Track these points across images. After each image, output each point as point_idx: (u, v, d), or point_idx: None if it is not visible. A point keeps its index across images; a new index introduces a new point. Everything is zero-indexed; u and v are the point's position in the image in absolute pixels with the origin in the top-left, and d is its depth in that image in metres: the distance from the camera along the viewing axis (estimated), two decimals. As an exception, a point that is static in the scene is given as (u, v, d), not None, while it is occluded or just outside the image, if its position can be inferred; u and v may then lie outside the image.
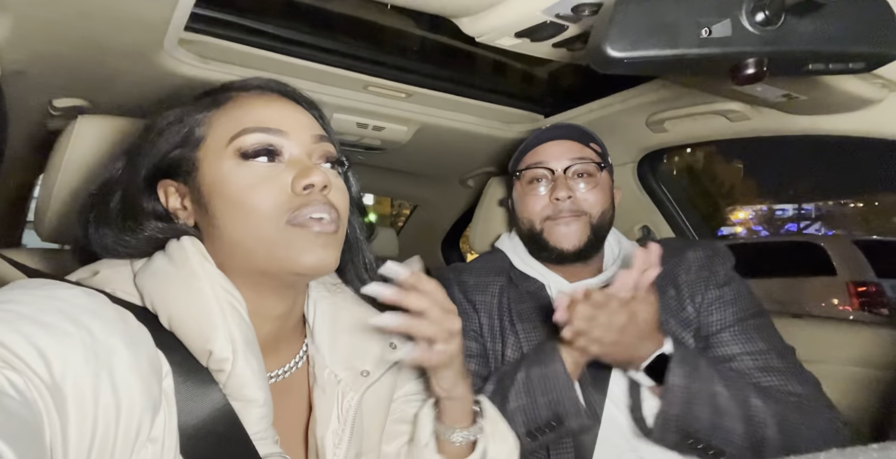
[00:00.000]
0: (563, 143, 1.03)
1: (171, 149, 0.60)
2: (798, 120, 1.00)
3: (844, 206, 30.36)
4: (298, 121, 0.61)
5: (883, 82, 0.81)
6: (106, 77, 0.96)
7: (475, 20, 0.70)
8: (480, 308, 1.04)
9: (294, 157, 0.59)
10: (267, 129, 0.58)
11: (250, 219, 0.55)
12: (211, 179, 0.57)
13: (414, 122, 1.26)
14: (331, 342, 0.66)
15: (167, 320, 0.52)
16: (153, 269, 0.55)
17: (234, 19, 0.93)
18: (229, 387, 0.52)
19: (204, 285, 0.53)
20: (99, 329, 0.44)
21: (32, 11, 0.71)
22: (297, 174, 0.57)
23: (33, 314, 0.42)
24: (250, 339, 0.54)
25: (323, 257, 0.57)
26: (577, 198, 1.00)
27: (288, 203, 0.56)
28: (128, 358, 0.45)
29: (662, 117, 1.16)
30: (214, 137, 0.58)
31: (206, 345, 0.51)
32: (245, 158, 0.57)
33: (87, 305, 0.46)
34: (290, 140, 0.59)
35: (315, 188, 0.57)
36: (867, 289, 4.85)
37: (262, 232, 0.56)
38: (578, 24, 0.69)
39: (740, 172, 26.28)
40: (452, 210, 1.96)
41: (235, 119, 0.58)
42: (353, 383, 0.64)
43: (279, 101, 0.62)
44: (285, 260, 0.56)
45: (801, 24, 0.54)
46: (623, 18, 0.53)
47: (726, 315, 0.94)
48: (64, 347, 0.41)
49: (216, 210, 0.57)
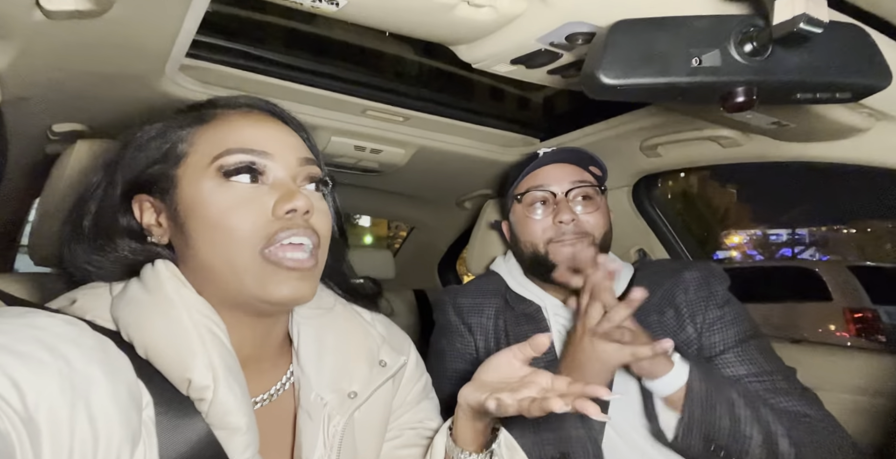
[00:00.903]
0: (564, 167, 1.04)
1: (150, 165, 0.58)
2: (788, 146, 1.02)
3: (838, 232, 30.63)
4: (285, 142, 0.59)
5: (869, 111, 0.82)
6: (106, 102, 0.97)
7: (472, 48, 0.72)
8: (476, 330, 1.04)
9: (278, 180, 0.57)
10: (251, 150, 0.56)
11: (226, 242, 0.54)
12: (190, 198, 0.55)
13: (411, 145, 1.27)
14: (317, 363, 0.64)
15: (143, 350, 0.51)
16: (128, 297, 0.54)
17: (234, 46, 0.95)
18: (212, 416, 0.50)
19: (180, 311, 0.52)
20: (77, 358, 0.43)
21: (36, 40, 0.72)
22: (279, 197, 0.55)
23: (8, 343, 0.41)
24: (232, 365, 0.52)
25: (298, 288, 0.56)
26: (579, 220, 1.00)
27: (266, 227, 0.54)
28: (106, 388, 0.43)
29: (656, 142, 1.18)
30: (197, 155, 0.57)
31: (185, 374, 0.50)
32: (227, 178, 0.55)
33: (66, 333, 0.45)
34: (275, 162, 0.57)
35: (297, 213, 0.55)
36: (864, 315, 4.84)
37: (237, 259, 0.54)
38: (572, 53, 0.71)
39: (734, 197, 26.58)
40: (449, 232, 1.96)
41: (220, 138, 0.57)
42: (339, 406, 0.62)
43: (266, 122, 0.61)
44: (258, 290, 0.55)
45: (789, 55, 0.56)
46: (616, 47, 0.54)
47: (728, 335, 0.94)
48: (39, 377, 0.40)
49: (192, 230, 0.55)
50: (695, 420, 0.79)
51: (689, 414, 0.80)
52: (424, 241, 2.13)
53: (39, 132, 1.07)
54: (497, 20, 0.64)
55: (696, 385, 0.80)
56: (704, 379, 0.81)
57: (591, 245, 1.00)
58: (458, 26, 0.65)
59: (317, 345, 0.65)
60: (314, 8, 0.60)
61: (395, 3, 0.59)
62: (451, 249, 2.04)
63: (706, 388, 0.80)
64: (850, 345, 4.11)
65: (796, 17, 0.48)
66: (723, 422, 0.79)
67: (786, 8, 0.49)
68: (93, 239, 0.58)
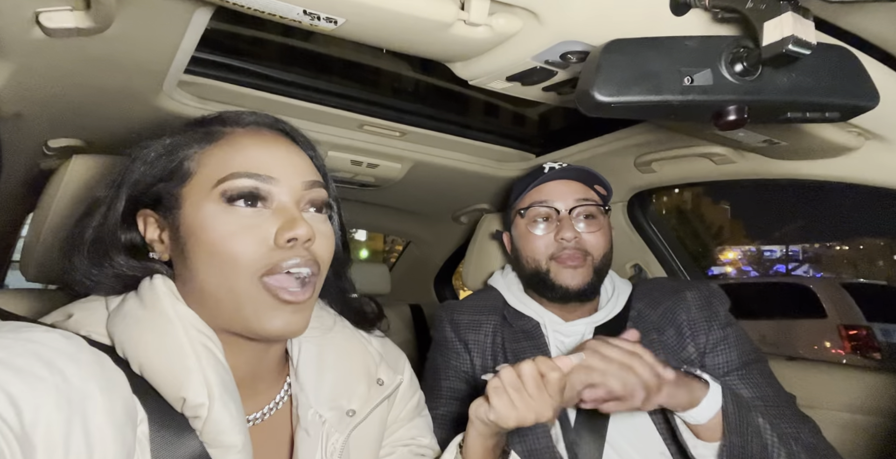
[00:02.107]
0: (569, 184, 1.03)
1: (156, 181, 0.58)
2: (780, 164, 1.03)
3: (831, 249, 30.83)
4: (291, 164, 0.58)
5: (859, 131, 0.84)
6: (103, 118, 0.97)
7: (468, 65, 0.73)
8: (473, 347, 1.02)
9: (282, 205, 0.56)
10: (256, 175, 0.55)
11: (225, 268, 0.53)
12: (191, 220, 0.55)
13: (408, 160, 1.28)
14: (316, 381, 0.64)
15: (138, 367, 0.50)
16: (123, 313, 0.53)
17: (232, 62, 0.96)
18: (206, 434, 0.50)
19: (176, 328, 0.51)
20: (74, 373, 0.43)
21: (34, 57, 0.72)
22: (281, 225, 0.54)
23: (6, 358, 0.41)
24: (227, 382, 0.52)
25: (291, 322, 0.55)
26: (581, 238, 1.00)
27: (266, 257, 0.54)
28: (102, 404, 0.43)
29: (650, 159, 1.19)
30: (202, 176, 0.56)
31: (180, 392, 0.49)
32: (229, 203, 0.54)
33: (63, 349, 0.44)
34: (280, 186, 0.56)
35: (298, 242, 0.55)
36: (858, 333, 4.84)
37: (235, 285, 0.53)
38: (567, 70, 0.72)
39: (728, 213, 26.78)
40: (445, 246, 1.96)
41: (226, 159, 0.56)
42: (338, 424, 0.62)
43: (273, 142, 0.60)
44: (252, 320, 0.54)
45: (779, 76, 0.57)
46: (609, 66, 0.55)
47: (732, 357, 0.93)
48: (36, 393, 0.40)
49: (191, 253, 0.55)
50: (734, 448, 0.76)
51: (730, 444, 0.76)
52: (420, 256, 2.13)
53: (35, 147, 1.07)
54: (493, 38, 0.65)
55: (732, 411, 0.77)
56: (736, 402, 0.78)
57: (591, 266, 0.99)
58: (455, 44, 0.66)
59: (317, 363, 0.65)
60: (312, 26, 0.61)
61: (392, 22, 0.60)
62: (448, 264, 2.03)
63: (738, 411, 0.77)
64: (845, 363, 4.10)
65: (784, 38, 0.49)
66: (755, 450, 0.76)
67: (774, 30, 0.50)
68: (93, 252, 0.57)
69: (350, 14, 0.59)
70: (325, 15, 0.59)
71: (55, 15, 0.63)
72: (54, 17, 0.63)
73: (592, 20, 0.60)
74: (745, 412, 0.78)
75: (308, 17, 0.59)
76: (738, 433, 0.76)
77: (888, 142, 0.84)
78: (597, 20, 0.60)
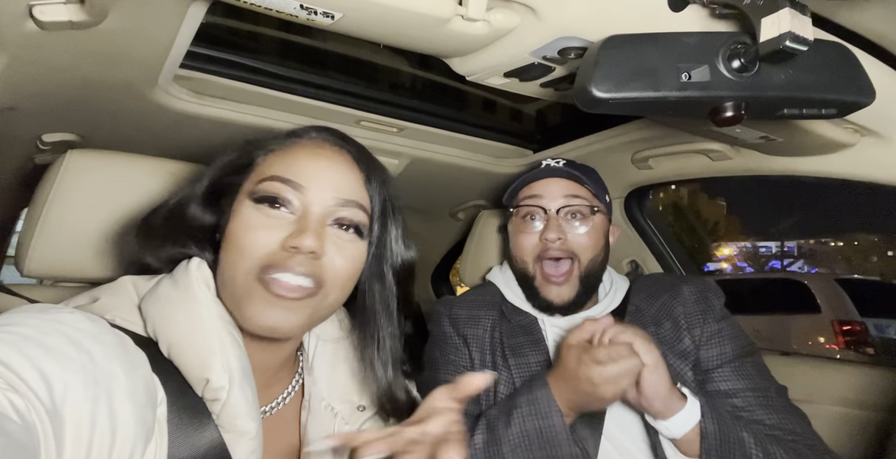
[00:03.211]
0: (560, 182, 1.02)
1: (231, 173, 0.63)
2: (776, 160, 1.03)
3: (825, 245, 31.02)
4: (330, 178, 0.60)
5: (855, 127, 0.84)
6: (98, 112, 0.96)
7: (465, 61, 0.73)
8: (472, 342, 1.03)
9: (305, 214, 0.58)
10: (288, 181, 0.58)
11: (235, 259, 0.56)
12: (233, 212, 0.59)
13: (405, 156, 1.28)
14: (330, 375, 0.67)
15: (167, 347, 0.52)
16: (157, 294, 0.55)
17: (229, 56, 0.95)
18: (223, 417, 0.52)
19: (203, 311, 0.54)
20: (99, 354, 0.45)
21: (27, 50, 0.71)
22: (292, 232, 0.57)
23: (37, 336, 0.42)
24: (246, 369, 0.54)
25: (280, 319, 0.56)
26: (567, 239, 0.98)
27: (269, 256, 0.56)
28: (125, 385, 0.45)
29: (647, 155, 1.19)
30: (254, 175, 0.61)
31: (204, 373, 0.51)
32: (256, 202, 0.58)
33: (89, 329, 0.46)
34: (308, 196, 0.58)
35: (299, 251, 0.56)
36: (852, 328, 4.88)
37: (236, 276, 0.56)
38: (565, 66, 0.72)
39: (724, 209, 26.89)
40: (442, 243, 1.96)
41: (275, 164, 0.60)
42: (349, 416, 0.65)
43: (326, 155, 0.62)
44: (246, 312, 0.56)
45: (776, 72, 0.57)
46: (607, 62, 0.55)
47: (726, 350, 0.94)
48: (65, 371, 0.41)
49: (223, 241, 0.59)
50: None
51: None
52: (417, 252, 2.12)
53: (29, 142, 1.06)
54: (491, 34, 0.64)
55: (712, 431, 0.77)
56: (719, 421, 0.78)
57: (577, 276, 0.98)
58: (453, 40, 0.66)
59: (332, 359, 0.68)
60: (310, 20, 0.61)
61: (390, 17, 0.60)
62: (445, 260, 2.03)
63: (720, 431, 0.77)
64: (838, 358, 4.13)
65: (782, 34, 0.50)
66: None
67: (772, 26, 0.50)
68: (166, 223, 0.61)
69: (347, 9, 0.58)
70: (323, 9, 0.58)
71: (48, 8, 0.62)
72: (47, 10, 0.62)
73: (590, 16, 0.60)
74: (727, 429, 0.78)
75: (305, 12, 0.59)
76: (719, 453, 0.76)
77: (884, 138, 0.84)
78: (595, 16, 0.60)
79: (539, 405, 0.82)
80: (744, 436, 0.79)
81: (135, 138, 1.05)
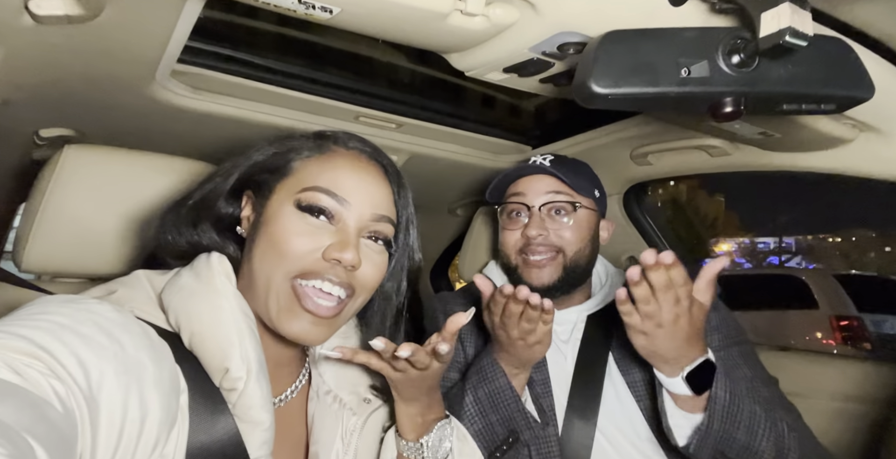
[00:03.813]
0: (543, 179, 1.03)
1: (264, 171, 0.64)
2: (775, 156, 1.03)
3: (823, 241, 31.10)
4: (369, 194, 0.63)
5: (854, 123, 0.84)
6: (95, 107, 0.96)
7: (464, 56, 0.72)
8: (466, 338, 1.03)
9: (345, 226, 0.61)
10: (333, 194, 0.61)
11: (272, 260, 0.59)
12: (271, 212, 0.61)
13: (404, 152, 1.27)
14: (338, 367, 0.70)
15: (188, 337, 0.54)
16: (179, 285, 0.57)
17: (226, 51, 0.95)
18: (238, 408, 0.53)
19: (224, 303, 0.55)
20: (129, 343, 0.46)
21: (23, 44, 0.71)
22: (334, 243, 0.59)
23: (72, 325, 0.44)
24: (262, 362, 0.56)
25: (308, 332, 0.59)
26: (549, 235, 0.99)
27: (309, 264, 0.59)
28: (153, 374, 0.47)
29: (646, 151, 1.19)
30: (295, 179, 0.62)
31: (224, 363, 0.53)
32: (300, 210, 0.60)
33: (117, 319, 0.48)
34: (350, 210, 0.62)
35: (341, 264, 0.59)
36: (849, 324, 4.90)
37: (271, 278, 0.58)
38: (564, 62, 0.71)
39: (722, 205, 26.91)
40: (441, 238, 1.96)
41: (317, 172, 0.62)
42: (356, 407, 0.68)
43: (365, 169, 0.65)
44: (274, 317, 0.59)
45: (775, 67, 0.57)
46: (606, 57, 0.55)
47: (712, 340, 0.95)
48: (100, 359, 0.43)
49: (258, 238, 0.61)
50: (712, 432, 0.77)
51: (708, 425, 0.77)
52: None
53: (26, 137, 1.06)
54: (489, 29, 0.64)
55: (721, 397, 0.77)
56: (730, 390, 0.78)
57: (561, 263, 0.99)
58: (451, 35, 0.65)
59: None
60: (308, 15, 0.60)
61: (388, 12, 0.60)
62: (444, 256, 2.04)
63: (730, 401, 0.77)
64: (836, 353, 4.15)
65: (782, 30, 0.49)
66: (740, 436, 0.77)
67: (772, 21, 0.50)
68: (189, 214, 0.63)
69: (345, 3, 0.58)
70: (320, 4, 0.58)
71: (45, 2, 0.62)
72: (43, 4, 0.62)
73: (590, 11, 0.60)
74: (738, 400, 0.78)
75: (303, 6, 0.59)
76: (722, 419, 0.77)
77: (883, 133, 0.84)
78: (594, 11, 0.60)
79: (485, 372, 0.88)
80: (755, 409, 0.79)
81: (132, 133, 1.05)
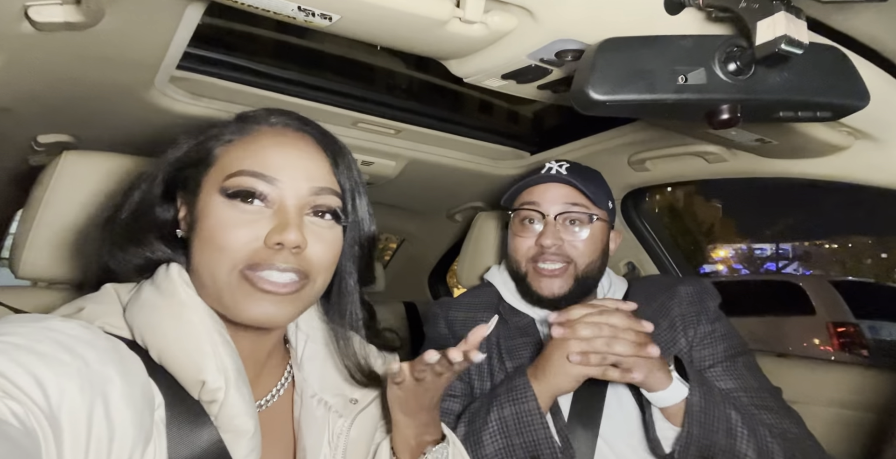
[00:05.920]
0: (560, 188, 1.01)
1: (187, 166, 0.60)
2: (772, 163, 1.04)
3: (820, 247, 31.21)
4: (303, 168, 0.58)
5: (849, 130, 0.85)
6: (94, 113, 0.96)
7: (463, 62, 0.73)
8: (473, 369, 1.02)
9: (283, 207, 0.57)
10: (261, 175, 0.56)
11: (212, 257, 0.55)
12: (201, 207, 0.57)
13: (403, 158, 1.28)
14: (321, 369, 0.66)
15: (157, 354, 0.52)
16: (142, 302, 0.54)
17: (226, 58, 0.95)
18: (221, 418, 0.51)
19: (192, 315, 0.53)
20: (94, 358, 0.44)
21: (22, 51, 0.71)
22: (273, 227, 0.55)
23: (29, 344, 0.42)
24: (240, 368, 0.54)
25: (269, 312, 0.55)
26: (564, 245, 0.98)
27: (252, 254, 0.55)
28: (122, 388, 0.45)
29: (643, 157, 1.20)
30: (219, 168, 0.58)
31: (199, 376, 0.51)
32: (229, 198, 0.56)
33: (81, 335, 0.46)
34: (284, 188, 0.57)
35: (285, 246, 0.55)
36: (846, 330, 4.90)
37: (216, 274, 0.55)
38: (562, 69, 0.72)
39: (720, 211, 27.01)
40: (439, 244, 1.96)
41: (240, 156, 0.58)
42: (343, 409, 0.65)
43: (292, 144, 0.60)
44: (232, 308, 0.55)
45: (771, 75, 0.57)
46: (604, 64, 0.55)
47: (717, 350, 0.95)
48: (60, 377, 0.41)
49: (195, 238, 0.57)
50: (693, 438, 0.79)
51: (688, 432, 0.80)
52: (415, 253, 2.13)
53: (24, 143, 1.05)
54: (488, 36, 0.65)
55: (696, 403, 0.80)
56: (705, 396, 0.81)
57: (572, 274, 0.99)
58: (450, 42, 0.66)
59: (322, 351, 0.67)
60: (307, 22, 0.61)
61: (387, 19, 0.60)
62: (442, 261, 2.04)
63: (706, 406, 0.80)
64: (833, 359, 4.15)
65: (777, 38, 0.50)
66: (720, 440, 0.79)
67: (767, 29, 0.51)
68: (128, 230, 0.59)
69: (345, 10, 0.58)
70: (320, 11, 0.58)
71: (44, 9, 0.62)
72: (43, 10, 0.62)
73: (587, 18, 0.60)
74: (712, 406, 0.80)
75: (303, 14, 0.59)
76: (700, 424, 0.79)
77: (878, 141, 0.85)
78: (592, 18, 0.60)
79: (517, 392, 0.85)
80: (732, 415, 0.81)
81: (130, 139, 1.05)
